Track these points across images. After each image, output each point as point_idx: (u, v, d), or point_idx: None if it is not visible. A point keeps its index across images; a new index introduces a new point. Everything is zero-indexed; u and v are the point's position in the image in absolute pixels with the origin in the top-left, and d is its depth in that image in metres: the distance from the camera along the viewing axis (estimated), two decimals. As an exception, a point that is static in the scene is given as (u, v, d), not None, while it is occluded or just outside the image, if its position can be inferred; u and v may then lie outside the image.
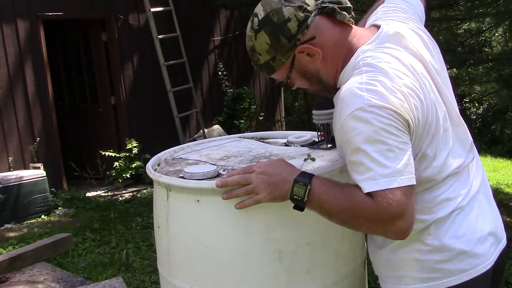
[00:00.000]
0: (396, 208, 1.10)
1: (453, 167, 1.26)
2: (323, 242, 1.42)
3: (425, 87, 1.21)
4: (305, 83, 1.34)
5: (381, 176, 1.11)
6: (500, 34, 6.78)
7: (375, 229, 1.20)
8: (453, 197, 1.27)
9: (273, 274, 1.39)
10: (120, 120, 6.80)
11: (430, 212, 1.26)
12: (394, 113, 1.11)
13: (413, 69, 1.22)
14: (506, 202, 5.63)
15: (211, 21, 7.70)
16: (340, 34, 1.28)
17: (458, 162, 1.27)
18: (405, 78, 1.17)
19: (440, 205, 1.26)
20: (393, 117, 1.11)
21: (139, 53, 6.86)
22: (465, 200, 1.28)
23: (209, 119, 7.73)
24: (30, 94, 5.83)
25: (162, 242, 1.54)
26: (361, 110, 1.11)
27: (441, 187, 1.26)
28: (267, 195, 1.27)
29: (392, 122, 1.11)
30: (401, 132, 1.12)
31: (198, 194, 1.39)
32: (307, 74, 1.31)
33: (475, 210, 1.30)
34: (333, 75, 1.30)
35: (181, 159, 1.75)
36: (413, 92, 1.16)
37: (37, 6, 5.83)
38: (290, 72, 1.30)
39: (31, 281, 2.38)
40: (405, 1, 1.49)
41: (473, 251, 1.27)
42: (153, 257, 3.83)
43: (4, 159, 5.66)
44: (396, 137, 1.11)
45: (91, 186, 6.43)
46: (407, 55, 1.25)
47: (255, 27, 1.27)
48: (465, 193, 1.28)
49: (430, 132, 1.21)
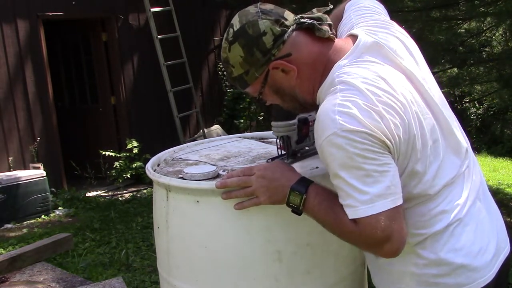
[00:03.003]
0: (381, 234, 1.09)
1: (446, 179, 1.20)
2: (323, 243, 1.41)
3: (406, 101, 1.13)
4: (278, 100, 1.29)
5: (360, 203, 1.08)
6: (500, 34, 6.78)
7: (364, 249, 1.21)
8: (449, 209, 1.20)
9: (273, 275, 1.39)
10: (120, 120, 6.80)
11: (425, 226, 1.21)
12: (369, 136, 1.06)
13: (393, 82, 1.14)
14: (506, 202, 5.63)
15: (211, 21, 7.70)
16: (319, 50, 1.22)
17: (452, 173, 1.21)
18: (382, 95, 1.10)
19: (436, 218, 1.20)
20: (368, 141, 1.06)
21: (139, 53, 6.85)
22: (463, 211, 1.22)
23: (209, 119, 7.73)
24: (30, 94, 5.83)
25: (162, 242, 1.54)
26: (335, 135, 1.07)
27: (435, 199, 1.20)
28: (267, 199, 1.27)
29: (367, 146, 1.06)
30: (378, 155, 1.08)
31: (197, 195, 1.39)
32: (280, 91, 1.26)
33: (474, 220, 1.24)
34: (310, 92, 1.25)
35: (181, 159, 1.75)
36: (391, 109, 1.10)
37: (37, 6, 5.83)
38: (263, 87, 1.25)
39: (31, 281, 2.38)
40: (373, 3, 1.43)
41: (473, 264, 1.21)
42: (153, 257, 3.83)
43: (4, 159, 5.66)
44: (372, 161, 1.07)
45: (91, 186, 6.43)
46: (387, 68, 1.18)
47: (229, 38, 1.22)
48: (462, 203, 1.22)
49: (415, 147, 1.14)
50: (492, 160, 8.99)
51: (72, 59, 6.98)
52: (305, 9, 1.37)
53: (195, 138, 7.25)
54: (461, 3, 5.01)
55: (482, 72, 6.05)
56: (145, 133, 6.80)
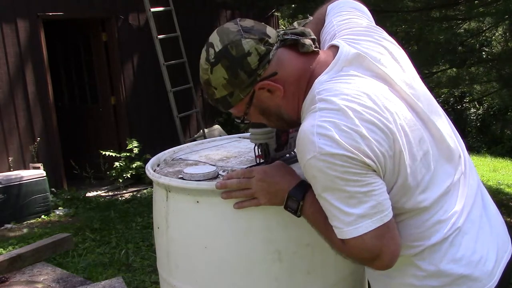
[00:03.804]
0: (367, 254, 1.08)
1: (440, 190, 1.16)
2: (323, 243, 1.41)
3: (390, 115, 1.08)
4: (264, 119, 1.26)
5: (345, 224, 1.07)
6: (500, 33, 6.78)
7: (357, 264, 1.21)
8: (446, 218, 1.16)
9: (273, 275, 1.39)
10: (120, 120, 6.80)
11: (422, 237, 1.17)
12: (349, 159, 1.03)
13: (376, 97, 1.09)
14: (506, 202, 5.63)
15: (211, 21, 7.70)
16: (303, 66, 1.18)
17: (445, 182, 1.17)
18: (364, 111, 1.06)
19: (433, 229, 1.16)
20: (348, 163, 1.04)
21: (139, 53, 6.86)
22: (460, 220, 1.18)
23: (209, 119, 7.73)
24: (30, 94, 5.83)
25: (162, 243, 1.54)
26: (315, 159, 1.05)
27: (429, 210, 1.16)
28: (267, 202, 1.27)
29: (347, 169, 1.04)
30: (361, 176, 1.05)
31: (197, 195, 1.39)
32: (266, 111, 1.22)
33: (474, 227, 1.20)
34: (295, 110, 1.21)
35: (181, 159, 1.75)
36: (374, 126, 1.06)
37: (37, 6, 5.83)
38: (248, 108, 1.21)
39: (31, 281, 2.38)
40: (355, 5, 1.38)
41: (474, 274, 1.18)
42: (153, 257, 3.83)
43: (4, 159, 5.66)
44: (355, 183, 1.05)
45: (91, 186, 6.43)
46: (369, 81, 1.13)
47: (211, 59, 1.16)
48: (459, 212, 1.18)
49: (403, 162, 1.09)
50: (492, 160, 9.00)
51: (72, 59, 6.98)
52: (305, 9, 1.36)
53: (195, 138, 7.25)
54: (461, 3, 5.01)
55: (482, 72, 6.05)
56: (145, 133, 6.80)
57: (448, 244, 1.17)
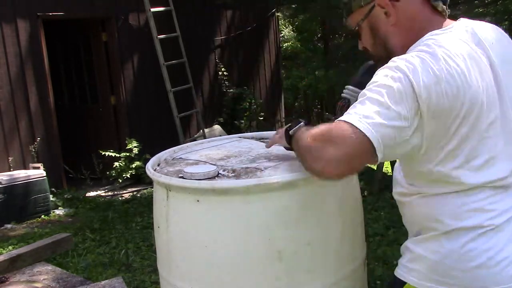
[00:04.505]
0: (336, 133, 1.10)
1: (492, 178, 1.18)
2: (323, 242, 1.42)
3: (474, 83, 1.13)
4: (370, 39, 1.32)
5: (354, 114, 1.10)
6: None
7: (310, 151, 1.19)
8: (487, 209, 1.19)
9: (273, 274, 1.39)
10: (120, 120, 6.80)
11: (456, 217, 1.20)
12: (409, 84, 1.08)
13: (472, 62, 1.15)
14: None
15: (211, 21, 7.70)
16: (425, 14, 1.25)
17: (500, 174, 1.19)
18: (452, 63, 1.11)
19: (468, 214, 1.19)
20: (404, 87, 1.08)
21: (139, 53, 6.85)
22: (501, 218, 1.19)
23: (209, 119, 7.73)
24: (30, 94, 5.83)
25: (162, 242, 1.54)
26: (387, 67, 1.13)
27: (472, 195, 1.18)
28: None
29: (399, 86, 1.08)
30: (402, 102, 1.08)
31: (198, 194, 1.39)
32: (375, 31, 1.30)
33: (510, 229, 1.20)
34: (400, 45, 1.26)
35: (181, 159, 1.75)
36: (452, 78, 1.10)
37: (37, 6, 5.83)
38: (362, 20, 1.30)
39: (31, 281, 2.39)
40: None
41: (490, 270, 1.17)
42: (153, 257, 3.83)
43: (4, 159, 5.66)
44: (396, 100, 1.08)
45: (91, 186, 6.43)
46: (473, 48, 1.18)
47: None
48: (504, 210, 1.19)
49: (461, 128, 1.12)
50: (492, 160, 8.98)
51: (72, 59, 6.98)
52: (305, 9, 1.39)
53: (195, 138, 7.25)
54: (461, 3, 5.01)
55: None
56: (145, 133, 6.80)
57: (477, 233, 1.18)
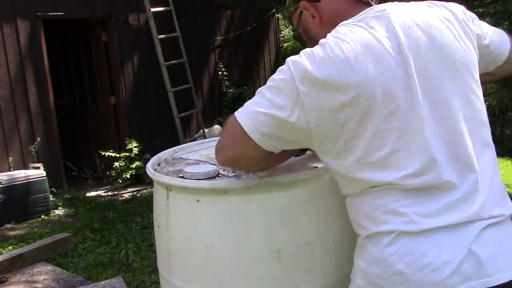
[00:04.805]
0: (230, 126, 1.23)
1: (396, 175, 1.10)
2: (323, 242, 1.42)
3: (363, 70, 1.08)
4: (308, 41, 1.36)
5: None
6: (500, 34, 6.77)
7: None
8: (402, 212, 1.10)
9: (273, 274, 1.39)
10: (120, 120, 6.80)
11: (373, 220, 1.14)
12: (290, 76, 1.13)
13: (367, 49, 1.10)
14: (506, 202, 5.62)
15: (211, 21, 7.70)
16: (346, 8, 1.24)
17: (406, 171, 1.10)
18: (338, 51, 1.10)
19: (384, 217, 1.12)
20: (285, 78, 1.15)
21: (139, 53, 6.86)
22: (421, 223, 1.09)
23: (209, 119, 7.73)
24: (30, 94, 5.83)
25: (162, 242, 1.54)
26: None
27: (383, 197, 1.12)
28: None
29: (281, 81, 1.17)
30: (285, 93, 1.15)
31: (198, 194, 1.39)
32: (307, 34, 1.36)
33: (439, 232, 1.09)
34: None
35: (181, 159, 1.75)
36: (334, 66, 1.08)
37: (37, 6, 5.83)
38: (298, 24, 1.36)
39: (31, 281, 2.39)
40: None
41: (413, 276, 1.08)
42: (153, 257, 3.83)
43: (4, 159, 5.67)
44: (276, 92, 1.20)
45: (91, 186, 6.43)
46: (375, 34, 1.12)
47: None
48: (423, 214, 1.10)
49: (351, 117, 1.09)
50: (492, 160, 8.99)
51: (72, 59, 6.99)
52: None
53: (195, 138, 7.25)
54: (461, 4, 5.00)
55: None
56: (145, 133, 6.80)
57: (394, 237, 1.11)
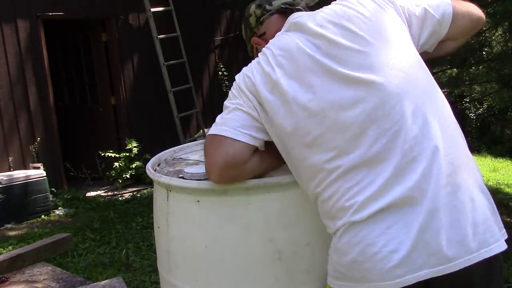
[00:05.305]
0: (205, 147, 1.33)
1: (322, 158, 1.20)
2: (322, 243, 1.42)
3: (279, 75, 1.26)
4: None
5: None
6: (500, 34, 6.78)
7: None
8: (347, 206, 1.18)
9: (273, 274, 1.39)
10: (120, 120, 6.80)
11: (332, 219, 1.22)
12: (236, 85, 1.35)
13: (285, 53, 1.28)
14: (506, 202, 5.63)
15: (211, 21, 7.70)
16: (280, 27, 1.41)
17: (329, 154, 1.19)
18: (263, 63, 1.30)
19: (338, 215, 1.20)
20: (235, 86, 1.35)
21: (139, 53, 6.85)
22: (365, 210, 1.15)
23: (209, 119, 7.73)
24: (30, 94, 5.83)
25: (162, 242, 1.54)
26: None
27: (330, 198, 1.21)
28: None
29: (233, 90, 1.36)
30: (234, 97, 1.35)
31: (198, 195, 1.39)
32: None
33: (387, 220, 1.14)
34: None
35: (181, 159, 1.75)
36: (261, 76, 1.30)
37: (37, 6, 5.83)
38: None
39: (31, 281, 2.38)
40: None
41: (365, 265, 1.15)
42: (153, 257, 3.83)
43: (4, 159, 5.66)
44: (230, 99, 1.36)
45: (91, 186, 6.43)
46: (291, 40, 1.30)
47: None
48: (363, 202, 1.16)
49: (275, 107, 1.27)
50: (492, 160, 9.00)
51: (72, 59, 6.98)
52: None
53: (195, 138, 7.25)
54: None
55: (481, 72, 6.05)
56: (145, 133, 6.80)
57: (347, 227, 1.18)
